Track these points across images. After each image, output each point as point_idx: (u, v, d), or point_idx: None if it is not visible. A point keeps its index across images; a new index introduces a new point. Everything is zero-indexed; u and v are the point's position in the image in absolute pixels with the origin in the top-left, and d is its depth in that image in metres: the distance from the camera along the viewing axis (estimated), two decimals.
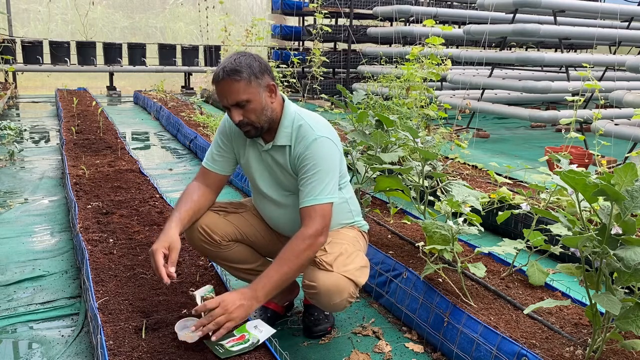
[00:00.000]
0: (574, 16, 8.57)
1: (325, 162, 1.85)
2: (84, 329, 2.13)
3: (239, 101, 1.80)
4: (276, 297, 2.16)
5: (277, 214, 2.03)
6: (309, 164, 1.85)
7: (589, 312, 1.63)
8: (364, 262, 1.93)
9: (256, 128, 1.86)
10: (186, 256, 2.47)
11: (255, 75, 1.80)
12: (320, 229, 1.80)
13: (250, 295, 1.70)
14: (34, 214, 3.46)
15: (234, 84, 1.78)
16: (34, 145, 5.62)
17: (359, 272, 1.87)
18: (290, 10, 10.33)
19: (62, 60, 9.81)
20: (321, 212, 1.81)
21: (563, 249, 2.25)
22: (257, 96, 1.82)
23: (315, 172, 1.84)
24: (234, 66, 1.78)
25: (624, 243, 1.48)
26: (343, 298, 1.81)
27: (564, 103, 8.32)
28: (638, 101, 4.69)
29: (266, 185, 2.01)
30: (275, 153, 1.94)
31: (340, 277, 1.80)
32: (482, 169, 4.14)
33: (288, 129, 1.90)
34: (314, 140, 1.86)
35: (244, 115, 1.82)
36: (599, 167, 3.35)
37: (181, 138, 5.95)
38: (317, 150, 1.85)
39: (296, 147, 1.89)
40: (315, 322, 2.12)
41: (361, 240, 2.07)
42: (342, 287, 1.80)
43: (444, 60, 4.20)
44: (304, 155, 1.86)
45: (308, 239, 1.77)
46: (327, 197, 1.83)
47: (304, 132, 1.88)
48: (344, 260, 1.85)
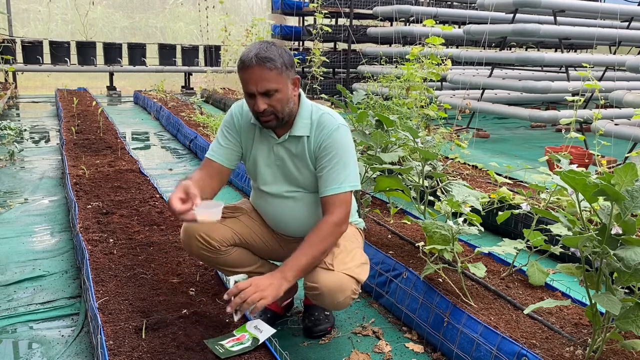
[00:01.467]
0: (574, 16, 8.57)
1: (347, 150, 1.87)
2: (84, 329, 2.13)
3: (269, 89, 1.77)
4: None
5: (282, 211, 2.01)
6: (331, 152, 1.86)
7: (589, 312, 1.63)
8: (364, 258, 1.94)
9: (278, 119, 1.84)
10: (186, 256, 2.47)
11: (286, 66, 1.79)
12: (344, 217, 1.85)
13: (279, 277, 1.72)
14: (34, 214, 3.46)
15: (266, 72, 1.75)
16: (34, 145, 5.62)
17: (360, 269, 1.88)
18: (290, 10, 10.33)
19: (62, 60, 9.81)
20: (344, 200, 1.85)
21: (563, 249, 2.25)
22: (285, 87, 1.80)
23: (338, 161, 1.85)
24: (268, 54, 1.75)
25: (624, 243, 1.48)
26: (346, 296, 1.82)
27: (564, 103, 8.32)
28: (638, 101, 4.69)
29: (273, 181, 1.98)
30: (290, 145, 1.92)
31: (341, 275, 1.81)
32: (482, 169, 4.14)
33: (306, 119, 1.90)
34: (336, 129, 1.87)
35: (269, 104, 1.80)
36: (599, 167, 3.35)
37: (181, 138, 5.95)
38: (339, 139, 1.86)
39: (317, 136, 1.89)
40: (315, 322, 2.12)
41: (359, 237, 2.08)
42: (344, 286, 1.80)
43: (444, 60, 4.20)
44: (327, 143, 1.86)
45: (332, 226, 1.82)
46: (350, 185, 1.86)
47: (326, 120, 1.89)
48: (344, 258, 1.85)
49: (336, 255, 1.85)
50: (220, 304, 2.05)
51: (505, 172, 3.57)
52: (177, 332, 1.82)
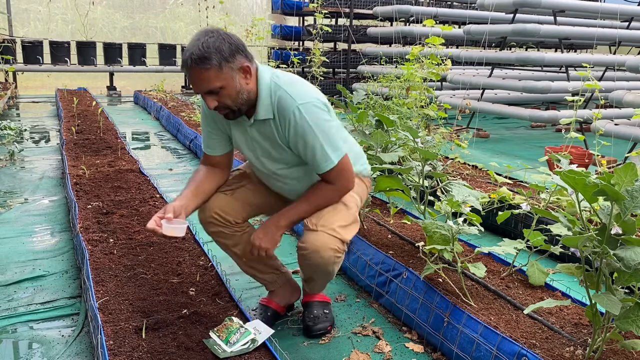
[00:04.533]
0: (574, 16, 8.57)
1: (317, 128, 1.82)
2: (84, 329, 2.13)
3: (211, 89, 1.73)
4: (278, 298, 2.20)
5: (276, 185, 2.05)
6: (300, 141, 1.83)
7: (589, 312, 1.63)
8: (352, 218, 1.97)
9: (234, 111, 1.81)
10: (186, 256, 2.47)
11: (226, 59, 1.71)
12: (346, 184, 1.93)
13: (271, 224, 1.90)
14: (34, 214, 3.46)
15: (204, 73, 1.70)
16: (34, 145, 5.62)
17: (344, 229, 1.91)
18: (290, 10, 10.33)
19: (62, 60, 9.80)
20: (339, 170, 1.88)
21: (563, 249, 2.25)
22: (231, 81, 1.74)
23: (313, 145, 1.82)
24: (202, 52, 1.68)
25: (624, 243, 1.48)
26: (329, 255, 1.87)
27: (564, 103, 8.31)
28: (638, 101, 4.69)
29: (258, 160, 2.00)
30: (260, 127, 1.89)
31: (324, 234, 1.87)
32: (482, 169, 4.14)
33: (267, 100, 1.83)
34: (296, 111, 1.79)
35: (219, 101, 1.76)
36: (599, 167, 3.35)
37: (181, 138, 5.95)
38: (303, 123, 1.80)
39: (281, 122, 1.84)
40: (315, 321, 2.12)
41: (359, 186, 2.08)
42: (327, 245, 1.87)
43: (444, 60, 4.20)
44: (292, 132, 1.82)
45: (334, 191, 1.92)
46: (337, 155, 1.86)
47: (284, 104, 1.81)
48: (329, 218, 1.90)
49: (323, 215, 1.90)
50: (221, 303, 2.05)
51: (505, 172, 3.57)
52: (177, 332, 1.82)
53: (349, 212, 1.97)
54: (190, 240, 2.67)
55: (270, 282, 2.19)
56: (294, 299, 2.26)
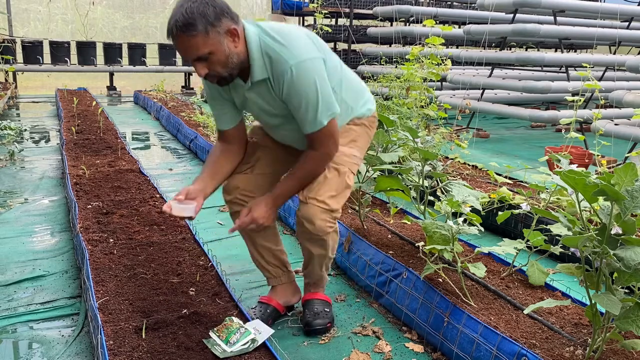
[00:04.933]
0: (574, 16, 8.57)
1: (310, 88, 1.79)
2: (84, 329, 2.13)
3: (200, 55, 1.69)
4: (278, 296, 2.22)
5: (283, 137, 2.09)
6: (294, 99, 1.82)
7: (589, 312, 1.63)
8: (342, 186, 2.00)
9: (224, 77, 1.79)
10: (186, 256, 2.47)
11: (212, 24, 1.67)
12: (329, 149, 1.94)
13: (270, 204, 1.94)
14: (34, 214, 3.46)
15: (191, 40, 1.66)
16: (34, 145, 5.63)
17: (333, 199, 1.96)
18: (290, 10, 10.33)
19: (62, 60, 9.80)
20: (325, 133, 1.89)
21: (563, 249, 2.25)
22: (219, 46, 1.70)
23: (306, 104, 1.81)
24: (186, 19, 1.64)
25: (624, 243, 1.48)
26: (320, 224, 1.94)
27: (564, 103, 8.31)
28: (638, 101, 4.69)
29: (260, 118, 2.04)
30: (258, 88, 1.88)
31: (313, 206, 1.93)
32: (482, 169, 4.14)
33: (259, 61, 1.80)
34: (290, 73, 1.76)
35: (209, 68, 1.73)
36: (599, 167, 3.35)
37: (181, 138, 5.95)
38: (297, 83, 1.78)
39: (275, 82, 1.82)
40: (314, 317, 2.13)
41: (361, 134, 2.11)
42: (316, 215, 1.93)
43: (444, 60, 4.20)
44: (287, 91, 1.81)
45: (317, 159, 1.94)
46: (326, 117, 1.86)
47: (277, 64, 1.77)
48: (319, 189, 1.95)
49: (314, 185, 1.96)
50: (221, 303, 2.05)
51: (505, 172, 3.57)
52: (177, 332, 1.82)
53: (341, 178, 2.00)
54: (190, 240, 2.67)
55: (275, 277, 2.22)
56: (294, 300, 2.27)
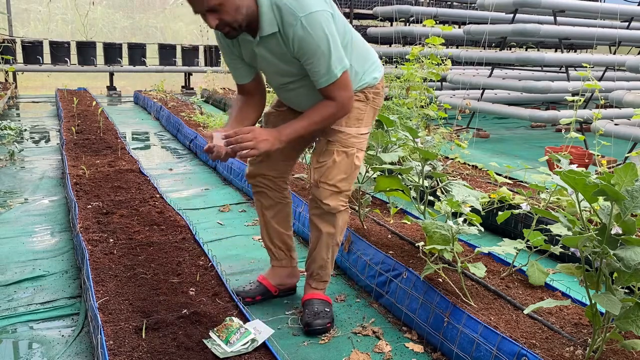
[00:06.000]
0: (574, 16, 8.57)
1: (321, 40, 1.81)
2: (84, 329, 2.13)
3: (210, 6, 1.75)
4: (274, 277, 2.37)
5: (291, 98, 2.13)
6: (306, 52, 1.83)
7: (589, 312, 1.63)
8: (351, 168, 2.08)
9: (235, 28, 1.82)
10: (186, 256, 2.47)
11: None
12: (344, 98, 1.95)
13: (275, 135, 1.91)
14: (34, 214, 3.46)
15: None
16: (34, 145, 5.63)
17: (343, 182, 2.06)
18: None
19: (62, 60, 9.80)
20: (340, 85, 1.91)
21: (563, 249, 2.25)
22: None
23: (318, 56, 1.84)
24: None
25: (624, 243, 1.48)
26: (332, 204, 2.06)
27: (564, 103, 8.31)
28: (638, 101, 4.69)
29: (270, 76, 2.08)
30: (267, 43, 1.89)
31: (324, 190, 2.05)
32: (482, 169, 4.14)
33: (269, 15, 1.82)
34: (301, 25, 1.78)
35: (219, 19, 1.78)
36: (599, 167, 3.35)
37: (181, 138, 5.95)
38: (308, 34, 1.80)
39: (286, 33, 1.83)
40: (315, 317, 2.14)
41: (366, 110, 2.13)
42: (328, 197, 2.05)
43: (444, 60, 4.20)
44: (298, 45, 1.82)
45: (334, 107, 1.94)
46: (339, 69, 1.88)
47: (287, 16, 1.80)
48: (329, 173, 2.04)
49: (323, 172, 2.04)
50: (221, 304, 2.05)
51: (505, 172, 3.57)
52: (177, 332, 1.82)
53: (349, 161, 2.07)
54: (190, 240, 2.67)
55: (276, 258, 2.38)
56: (288, 282, 2.40)
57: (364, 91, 2.11)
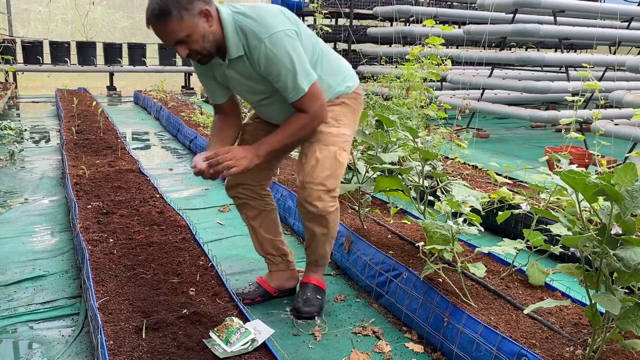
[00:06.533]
0: (574, 16, 8.57)
1: (285, 58, 1.89)
2: (84, 329, 2.14)
3: (178, 39, 1.82)
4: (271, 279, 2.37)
5: (267, 113, 2.18)
6: (272, 71, 1.92)
7: (589, 312, 1.63)
8: (336, 164, 2.07)
9: (205, 55, 1.91)
10: (186, 256, 2.48)
11: (185, 8, 1.79)
12: (316, 109, 2.00)
13: (253, 152, 1.97)
14: (34, 214, 3.46)
15: (167, 26, 1.79)
16: (34, 145, 5.62)
17: (329, 179, 2.05)
18: (290, 11, 10.32)
19: (62, 60, 9.80)
20: (310, 97, 1.97)
21: (563, 249, 2.25)
22: (194, 28, 1.82)
23: (284, 74, 1.91)
24: (161, 7, 1.77)
25: (624, 243, 1.48)
26: (322, 205, 2.05)
27: (564, 103, 8.32)
28: (638, 101, 4.69)
29: (246, 94, 2.12)
30: (236, 65, 1.98)
31: (311, 190, 2.03)
32: (482, 169, 4.14)
33: (234, 39, 1.90)
34: (265, 46, 1.87)
35: (189, 49, 1.86)
36: (599, 167, 3.35)
37: (181, 138, 5.95)
38: (272, 54, 1.88)
39: (252, 55, 1.91)
40: (305, 302, 2.23)
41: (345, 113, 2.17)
42: (316, 198, 2.04)
43: (444, 61, 4.20)
44: (264, 65, 1.91)
45: (307, 119, 2.00)
46: (306, 83, 1.95)
47: (251, 38, 1.88)
48: (313, 172, 2.03)
49: (307, 171, 2.03)
50: (221, 304, 2.05)
51: (505, 172, 3.57)
52: (177, 332, 1.82)
53: (332, 157, 2.07)
54: (190, 240, 2.67)
55: (273, 263, 2.38)
56: (287, 285, 2.39)
57: (339, 98, 2.18)
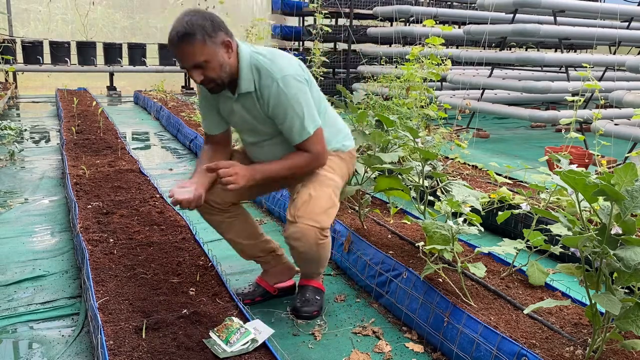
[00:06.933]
0: (574, 16, 8.57)
1: (295, 101, 1.95)
2: (84, 329, 2.14)
3: (197, 63, 1.85)
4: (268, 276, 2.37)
5: (261, 156, 2.15)
6: (280, 112, 1.96)
7: (589, 312, 1.63)
8: (329, 203, 2.04)
9: (218, 84, 1.94)
10: (186, 256, 2.47)
11: (209, 34, 1.84)
12: (319, 151, 2.03)
13: (250, 173, 1.96)
14: (34, 214, 3.46)
15: (190, 48, 1.83)
16: (34, 145, 5.62)
17: (322, 215, 2.00)
18: (290, 11, 10.32)
19: (62, 60, 9.80)
20: (314, 140, 2.01)
21: (563, 249, 2.25)
22: (214, 55, 1.87)
23: (291, 115, 1.96)
24: (186, 29, 1.81)
25: (624, 243, 1.48)
26: (311, 242, 1.99)
27: (564, 103, 8.31)
28: (638, 101, 4.69)
29: (244, 132, 2.14)
30: (244, 101, 2.02)
31: (302, 225, 1.97)
32: (482, 169, 4.14)
33: (248, 75, 1.96)
34: (277, 86, 1.93)
35: (204, 75, 1.89)
36: (599, 167, 3.35)
37: (181, 138, 5.95)
38: (283, 94, 1.93)
39: (262, 94, 1.96)
40: (304, 303, 2.23)
41: (339, 165, 2.18)
42: (307, 235, 1.98)
43: (444, 61, 4.20)
44: (273, 104, 1.95)
45: (309, 158, 2.02)
46: (312, 127, 2.00)
47: (265, 77, 1.94)
48: (306, 208, 1.98)
49: (299, 206, 1.98)
50: (221, 304, 2.05)
51: (505, 172, 3.57)
52: (177, 332, 1.82)
53: (326, 196, 2.05)
54: (190, 240, 2.67)
55: (264, 262, 2.37)
56: (285, 278, 2.39)
57: (335, 151, 2.21)
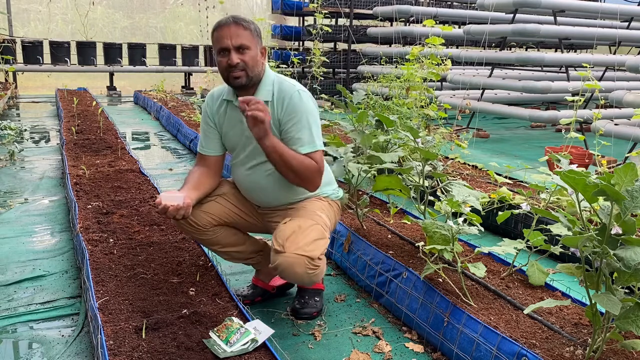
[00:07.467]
0: (574, 16, 8.57)
1: (310, 112, 2.04)
2: (84, 329, 2.14)
3: (243, 44, 1.97)
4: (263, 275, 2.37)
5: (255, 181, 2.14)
6: (295, 116, 2.02)
7: (589, 312, 1.63)
8: (319, 234, 1.99)
9: (248, 75, 2.01)
10: (186, 256, 2.47)
11: (257, 33, 2.05)
12: (319, 169, 2.03)
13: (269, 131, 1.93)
14: (34, 214, 3.46)
15: (241, 30, 1.98)
16: (34, 145, 5.62)
17: (311, 246, 1.93)
18: (290, 11, 10.32)
19: (62, 60, 9.80)
20: (318, 158, 2.03)
21: (563, 249, 2.25)
22: (255, 48, 2.02)
23: (303, 123, 2.01)
24: (243, 18, 2.02)
25: (624, 243, 1.48)
26: (301, 271, 1.91)
27: (564, 103, 8.31)
28: (638, 101, 4.69)
29: (244, 152, 2.14)
30: None
31: (291, 255, 1.89)
32: (482, 169, 4.14)
33: (269, 86, 2.07)
34: (297, 93, 2.03)
35: (242, 59, 1.98)
36: (599, 167, 3.35)
37: (181, 138, 5.96)
38: (301, 103, 2.03)
39: (279, 102, 2.04)
40: (303, 305, 2.24)
41: (328, 208, 2.18)
42: (296, 265, 1.90)
43: (444, 60, 4.20)
44: (289, 108, 2.02)
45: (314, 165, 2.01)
46: (319, 144, 2.05)
47: (285, 88, 2.06)
48: (295, 238, 1.93)
49: (288, 236, 1.92)
50: (221, 303, 2.05)
51: (505, 172, 3.57)
52: (177, 332, 1.82)
53: (316, 228, 2.01)
54: (190, 240, 2.67)
55: (255, 263, 2.37)
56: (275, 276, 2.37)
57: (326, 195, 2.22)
